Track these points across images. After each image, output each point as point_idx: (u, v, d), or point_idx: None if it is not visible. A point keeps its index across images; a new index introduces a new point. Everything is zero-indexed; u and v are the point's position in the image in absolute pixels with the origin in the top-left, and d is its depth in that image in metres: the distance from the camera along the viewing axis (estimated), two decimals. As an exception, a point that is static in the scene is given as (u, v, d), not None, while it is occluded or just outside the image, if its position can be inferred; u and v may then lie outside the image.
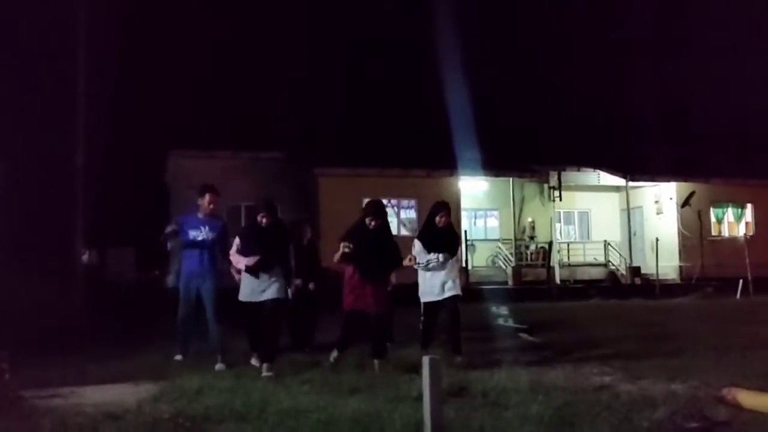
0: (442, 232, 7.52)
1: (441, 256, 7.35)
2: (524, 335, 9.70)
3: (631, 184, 23.76)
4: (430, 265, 7.37)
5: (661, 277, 20.57)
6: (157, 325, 9.83)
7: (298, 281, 8.14)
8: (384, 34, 32.70)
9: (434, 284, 7.40)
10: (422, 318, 7.52)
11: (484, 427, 4.59)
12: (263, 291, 7.04)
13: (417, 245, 7.48)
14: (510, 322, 11.10)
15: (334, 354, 7.10)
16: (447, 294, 7.36)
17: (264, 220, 7.13)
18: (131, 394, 6.00)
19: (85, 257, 20.57)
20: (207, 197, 7.53)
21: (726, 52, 34.58)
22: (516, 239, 23.21)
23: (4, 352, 5.88)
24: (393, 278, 8.41)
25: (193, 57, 29.51)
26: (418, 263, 7.41)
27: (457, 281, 7.50)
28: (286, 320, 8.29)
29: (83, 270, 17.88)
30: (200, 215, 7.55)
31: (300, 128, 23.33)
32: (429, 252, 7.37)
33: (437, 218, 7.56)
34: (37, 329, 9.46)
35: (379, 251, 7.01)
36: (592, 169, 24.07)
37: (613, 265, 24.04)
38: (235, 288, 7.34)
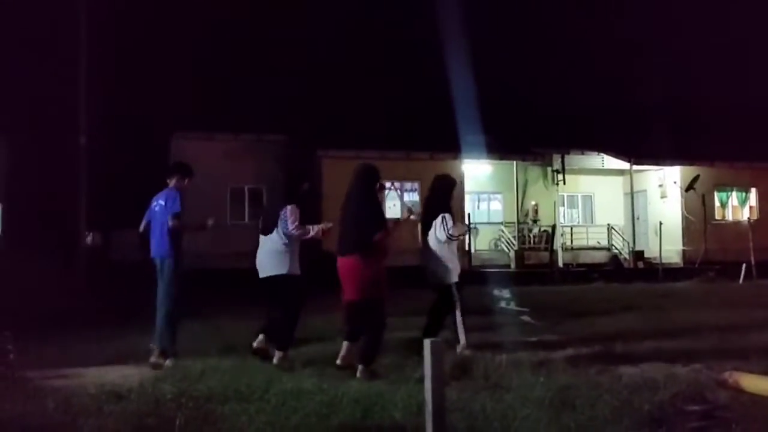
0: None
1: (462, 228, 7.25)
2: (526, 318, 9.72)
3: (635, 167, 23.69)
4: (461, 236, 7.20)
5: (664, 261, 20.54)
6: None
7: None
8: (388, 14, 32.50)
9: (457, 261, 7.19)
10: (458, 301, 6.97)
11: (486, 408, 4.62)
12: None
13: (450, 219, 7.04)
14: (512, 305, 11.12)
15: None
16: None
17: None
18: (134, 374, 6.05)
19: (88, 239, 20.60)
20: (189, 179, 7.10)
21: (731, 35, 34.32)
22: (519, 222, 23.19)
23: (8, 333, 5.91)
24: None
25: (196, 38, 29.35)
26: (455, 236, 7.05)
27: None
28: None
29: (87, 251, 17.93)
30: (180, 193, 6.95)
31: (303, 110, 23.27)
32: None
33: (454, 192, 7.40)
34: (41, 310, 9.52)
35: None
36: (596, 153, 24.00)
37: (616, 248, 24.03)
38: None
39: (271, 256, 6.58)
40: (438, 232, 7.01)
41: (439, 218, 7.01)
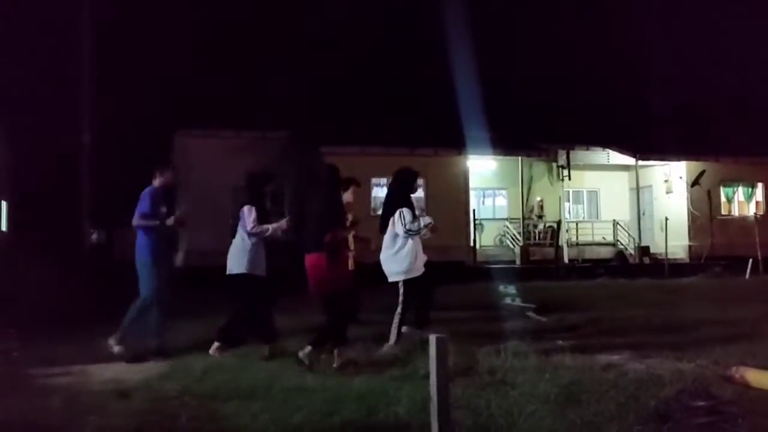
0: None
1: (424, 221, 6.96)
2: (531, 314, 9.69)
3: (640, 163, 23.58)
4: (422, 231, 6.91)
5: (669, 257, 20.48)
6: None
7: None
8: (391, 9, 32.43)
9: (422, 256, 7.01)
10: (403, 298, 6.89)
11: (491, 405, 4.60)
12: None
13: (409, 214, 6.92)
14: (517, 301, 11.10)
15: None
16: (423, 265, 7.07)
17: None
18: (139, 372, 6.05)
19: (93, 237, 20.68)
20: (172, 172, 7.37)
21: (737, 29, 34.17)
22: (524, 218, 23.14)
23: (12, 330, 5.92)
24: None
25: (199, 36, 29.36)
26: (413, 231, 6.87)
27: None
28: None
29: (91, 249, 17.98)
30: (155, 191, 7.15)
31: (306, 107, 23.25)
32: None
33: (416, 185, 7.31)
34: (46, 308, 9.52)
35: None
36: (602, 148, 23.92)
37: (622, 244, 23.97)
38: None
39: (233, 255, 6.99)
40: (397, 227, 6.95)
41: (397, 213, 6.95)
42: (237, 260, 6.95)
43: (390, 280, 7.04)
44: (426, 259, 7.11)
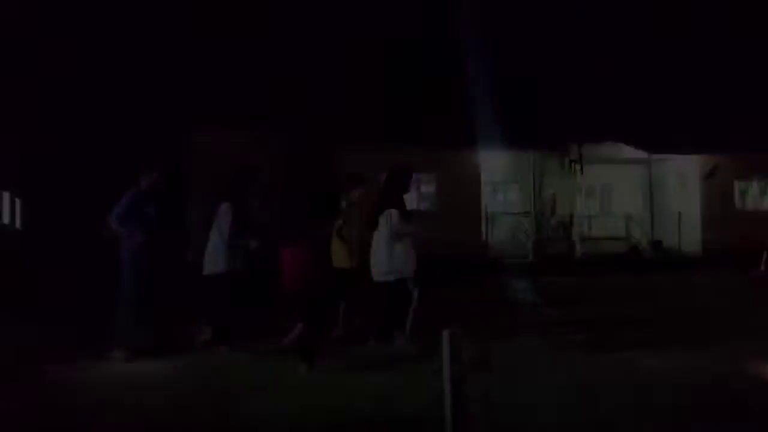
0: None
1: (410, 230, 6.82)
2: (544, 309, 9.65)
3: (654, 157, 23.43)
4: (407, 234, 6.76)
5: (683, 251, 20.32)
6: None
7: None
8: (402, 4, 32.34)
9: (413, 258, 6.77)
10: (417, 294, 6.64)
11: (504, 400, 4.58)
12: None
13: (396, 217, 6.70)
14: (530, 296, 11.06)
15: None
16: None
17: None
18: (152, 367, 6.06)
19: (105, 233, 20.79)
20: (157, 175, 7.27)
21: (752, 23, 33.80)
22: (536, 213, 23.05)
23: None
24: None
25: (207, 32, 29.38)
26: (400, 232, 6.69)
27: None
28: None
29: (105, 247, 18.06)
30: (143, 192, 7.16)
31: (317, 104, 23.24)
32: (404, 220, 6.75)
33: (410, 184, 7.03)
34: (59, 304, 9.57)
35: None
36: (614, 142, 23.76)
37: (635, 238, 23.81)
38: None
39: (209, 253, 6.85)
40: (382, 229, 6.77)
41: (384, 214, 6.75)
42: (213, 260, 6.82)
43: (376, 279, 6.75)
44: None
